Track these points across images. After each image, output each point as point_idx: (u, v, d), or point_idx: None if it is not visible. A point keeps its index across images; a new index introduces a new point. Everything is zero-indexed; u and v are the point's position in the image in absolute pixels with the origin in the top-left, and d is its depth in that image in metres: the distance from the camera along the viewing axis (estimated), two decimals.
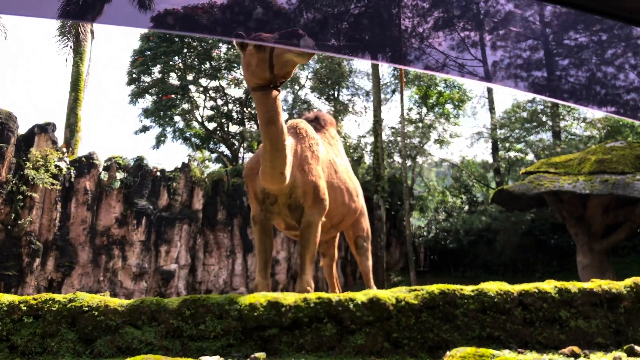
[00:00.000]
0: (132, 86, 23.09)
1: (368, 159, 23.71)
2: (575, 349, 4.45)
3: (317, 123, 7.09)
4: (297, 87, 23.80)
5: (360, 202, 7.33)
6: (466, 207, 23.51)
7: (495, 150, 23.28)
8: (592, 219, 15.17)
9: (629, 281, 5.45)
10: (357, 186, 7.22)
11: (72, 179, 16.11)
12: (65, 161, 15.98)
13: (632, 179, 13.56)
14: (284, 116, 22.28)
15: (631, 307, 5.28)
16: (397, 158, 23.50)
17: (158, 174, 17.78)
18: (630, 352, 4.51)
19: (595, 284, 5.38)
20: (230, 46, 23.33)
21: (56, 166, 15.50)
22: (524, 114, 22.54)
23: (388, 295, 5.21)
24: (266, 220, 6.01)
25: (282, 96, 23.84)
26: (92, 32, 20.00)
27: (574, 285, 5.36)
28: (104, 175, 16.73)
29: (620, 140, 17.13)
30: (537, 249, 20.38)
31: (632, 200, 14.24)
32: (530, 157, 22.91)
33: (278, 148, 5.26)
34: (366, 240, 7.65)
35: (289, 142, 5.81)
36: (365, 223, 7.70)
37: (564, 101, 1.81)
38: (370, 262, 7.72)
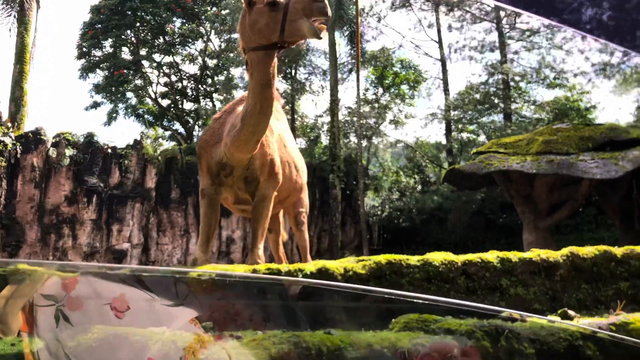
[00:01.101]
0: (82, 60, 22.33)
1: (325, 139, 23.80)
2: (514, 313, 4.67)
3: None
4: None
5: (304, 178, 7.36)
6: (419, 187, 23.96)
7: (448, 131, 23.75)
8: (538, 197, 15.74)
9: (565, 250, 5.73)
10: (302, 162, 7.23)
11: (18, 155, 15.55)
12: (10, 136, 15.40)
13: (576, 160, 14.12)
14: (238, 94, 22.09)
15: (566, 275, 5.56)
16: (353, 138, 23.66)
17: (109, 151, 17.37)
18: (564, 316, 4.76)
19: (535, 254, 5.63)
20: (184, 21, 22.83)
21: (0, 142, 14.91)
22: (477, 96, 23.04)
23: (336, 265, 5.30)
24: (215, 195, 5.94)
25: (238, 74, 23.57)
26: (37, 1, 19.16)
27: (515, 255, 5.59)
28: (53, 152, 16.21)
29: (567, 122, 17.77)
30: (487, 228, 21.03)
31: (575, 179, 14.84)
32: (482, 138, 23.49)
33: (266, 112, 5.20)
34: (305, 216, 7.72)
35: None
36: (306, 199, 7.76)
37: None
38: (307, 237, 7.80)
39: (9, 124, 15.84)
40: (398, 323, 4.51)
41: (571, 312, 4.83)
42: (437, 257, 5.44)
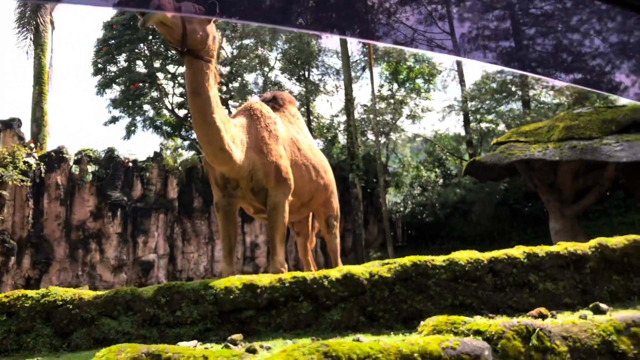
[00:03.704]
0: (98, 76, 22.63)
1: (342, 139, 23.75)
2: (543, 310, 4.59)
3: (275, 103, 7.04)
4: (266, 69, 23.63)
5: (329, 179, 7.30)
6: (441, 181, 23.78)
7: (466, 122, 23.49)
8: (563, 185, 15.48)
9: (593, 242, 5.62)
10: (324, 163, 7.18)
11: (43, 175, 15.84)
12: (34, 157, 15.69)
13: (600, 144, 13.85)
14: (254, 99, 22.20)
15: (596, 267, 5.45)
16: (370, 136, 23.59)
17: (130, 164, 17.58)
18: (596, 310, 4.67)
19: (562, 247, 5.53)
20: None
21: (25, 162, 15.21)
22: (494, 85, 22.74)
23: (361, 270, 5.28)
24: (229, 206, 5.96)
25: (252, 79, 23.64)
26: (52, 22, 19.49)
27: (541, 250, 5.50)
28: (75, 169, 16.48)
29: (587, 106, 17.44)
30: (512, 218, 20.77)
31: (600, 164, 14.56)
32: (502, 127, 23.20)
33: (206, 120, 5.12)
34: (336, 219, 7.71)
35: (240, 122, 5.77)
36: (336, 202, 7.73)
37: (531, 72, 1.85)
38: (338, 241, 7.80)
39: (32, 145, 16.15)
40: (427, 326, 4.47)
41: (603, 306, 4.74)
42: (463, 256, 5.38)
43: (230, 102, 23.88)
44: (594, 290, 5.35)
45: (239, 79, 23.40)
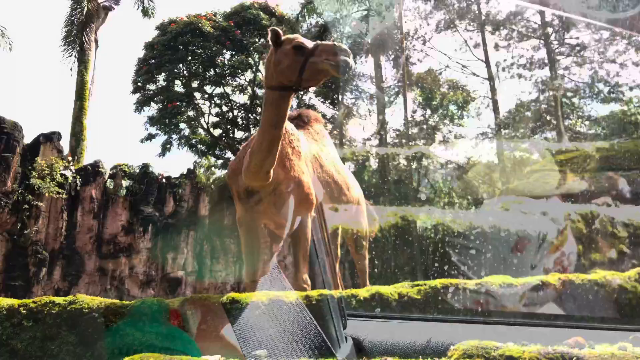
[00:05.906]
0: (137, 95, 23.17)
1: (374, 163, 23.67)
2: (580, 339, 4.38)
3: (300, 120, 7.03)
4: (301, 92, 23.84)
5: (354, 196, 7.20)
6: (473, 209, 23.38)
7: (500, 150, 23.18)
8: None
9: (633, 272, 5.38)
10: (347, 180, 7.07)
11: (78, 188, 16.19)
12: (70, 170, 16.07)
13: (638, 176, 13.45)
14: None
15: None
16: (402, 160, 23.45)
17: (164, 180, 17.85)
18: (636, 342, 4.43)
19: (600, 275, 5.31)
20: (233, 53, 23.41)
21: (62, 175, 15.59)
22: (528, 114, 22.46)
23: (391, 290, 5.15)
24: (252, 222, 5.93)
25: None
26: (96, 41, 20.16)
27: (577, 277, 5.29)
28: (110, 183, 16.81)
29: (624, 137, 17.00)
30: None
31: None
32: (536, 156, 22.80)
33: (272, 152, 5.19)
34: (365, 239, 7.57)
35: None
36: (365, 221, 7.60)
37: None
38: (367, 262, 7.65)
39: (70, 158, 16.56)
40: (457, 350, 4.31)
41: None
42: (496, 280, 5.21)
43: None
44: (633, 322, 5.09)
45: None
